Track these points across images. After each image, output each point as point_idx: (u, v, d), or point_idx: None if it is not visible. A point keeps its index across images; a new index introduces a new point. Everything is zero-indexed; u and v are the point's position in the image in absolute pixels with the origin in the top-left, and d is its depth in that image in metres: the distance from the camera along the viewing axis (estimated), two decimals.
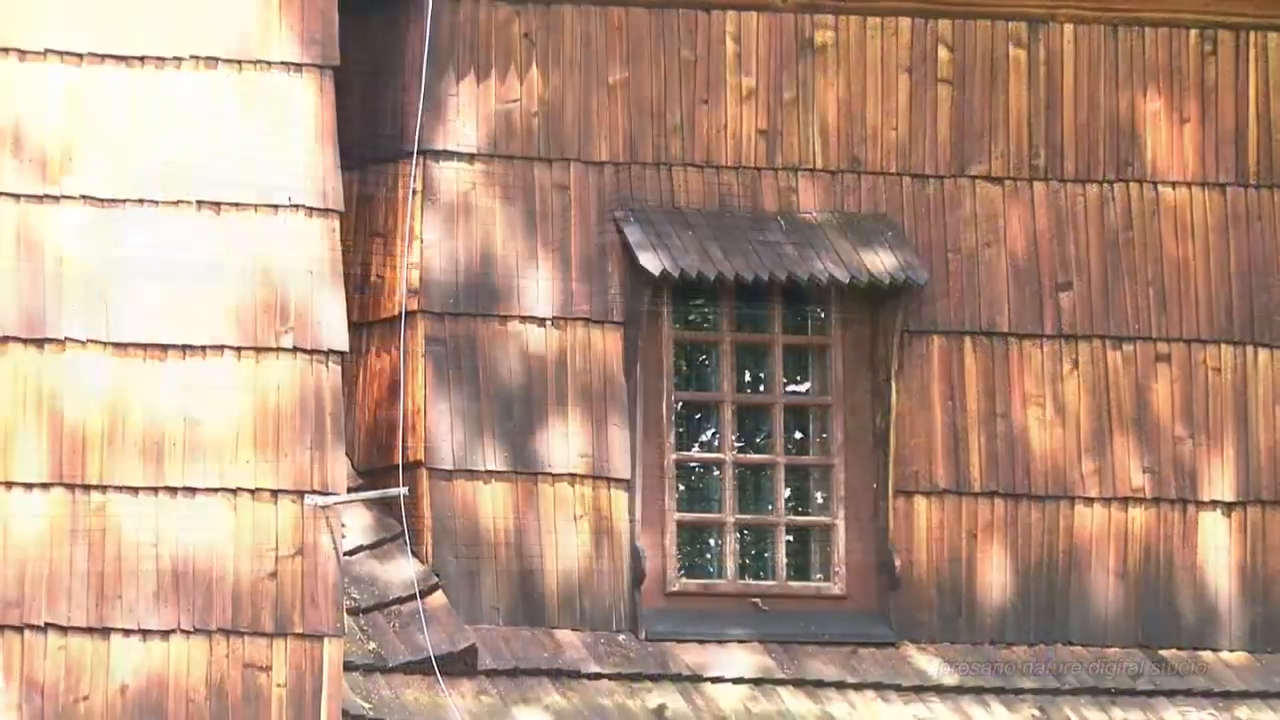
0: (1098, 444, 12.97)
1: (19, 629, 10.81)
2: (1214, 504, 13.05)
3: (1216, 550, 13.06)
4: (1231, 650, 12.96)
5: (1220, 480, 13.07)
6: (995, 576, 12.84)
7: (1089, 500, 13.01)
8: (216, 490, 11.28)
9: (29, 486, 11.19)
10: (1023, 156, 12.92)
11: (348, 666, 11.37)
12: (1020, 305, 12.90)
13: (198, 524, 11.31)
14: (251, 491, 11.26)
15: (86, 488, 11.41)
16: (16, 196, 11.29)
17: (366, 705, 11.47)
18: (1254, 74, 13.11)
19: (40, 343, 11.24)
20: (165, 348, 11.28)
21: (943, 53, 12.92)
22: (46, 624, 10.97)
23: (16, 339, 10.98)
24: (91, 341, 11.26)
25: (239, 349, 11.30)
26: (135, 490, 11.26)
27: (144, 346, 11.34)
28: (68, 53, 11.30)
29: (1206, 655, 12.94)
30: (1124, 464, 12.99)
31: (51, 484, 11.15)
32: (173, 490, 11.20)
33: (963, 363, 12.85)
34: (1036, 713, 12.49)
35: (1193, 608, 12.99)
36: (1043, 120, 13.00)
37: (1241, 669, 12.93)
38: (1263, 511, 13.06)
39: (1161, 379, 12.98)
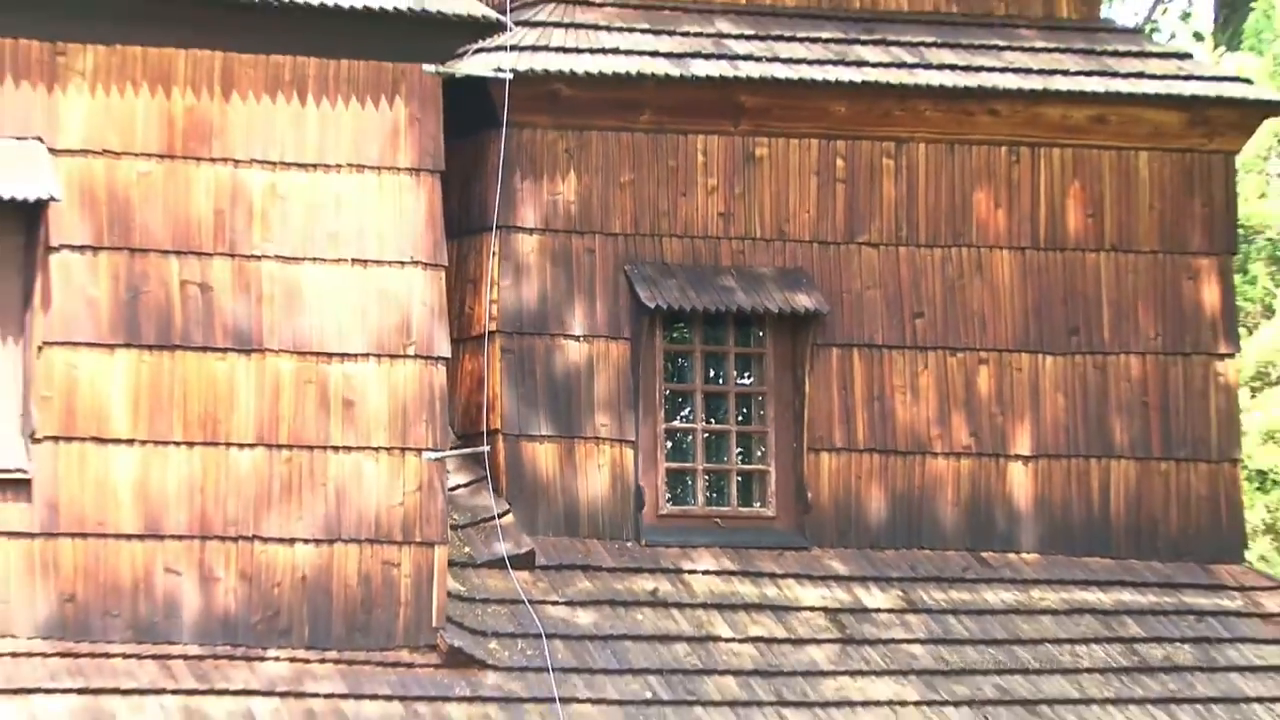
0: (941, 418, 12.91)
1: (236, 539, 10.75)
2: (1017, 457, 12.99)
3: (1018, 487, 12.99)
4: (1028, 553, 12.92)
5: (1021, 441, 13.01)
6: (873, 505, 12.78)
7: (935, 454, 12.91)
8: (367, 449, 11.22)
9: (242, 446, 10.98)
10: (892, 230, 12.84)
11: (450, 564, 11.39)
12: (889, 328, 12.82)
13: (354, 470, 11.25)
14: (389, 449, 11.20)
15: (280, 446, 11.20)
16: (231, 255, 11.07)
17: (462, 588, 11.50)
18: (1043, 176, 13.02)
19: (261, 351, 11.04)
20: (332, 355, 11.19)
21: (840, 162, 12.81)
22: (253, 535, 10.90)
23: (236, 349, 10.86)
24: (284, 351, 11.12)
25: (379, 355, 11.21)
26: (311, 448, 11.15)
27: (318, 354, 11.20)
28: (265, 161, 11.10)
29: (1011, 556, 12.91)
30: (959, 430, 12.95)
31: (257, 444, 11.00)
32: (337, 448, 11.13)
33: (852, 366, 12.78)
34: (900, 593, 12.48)
35: (1002, 525, 12.95)
36: (905, 206, 12.90)
37: (1034, 565, 12.89)
38: (1049, 463, 12.97)
39: (982, 376, 12.92)
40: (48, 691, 10.37)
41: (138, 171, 10.86)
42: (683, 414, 12.98)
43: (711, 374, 13.17)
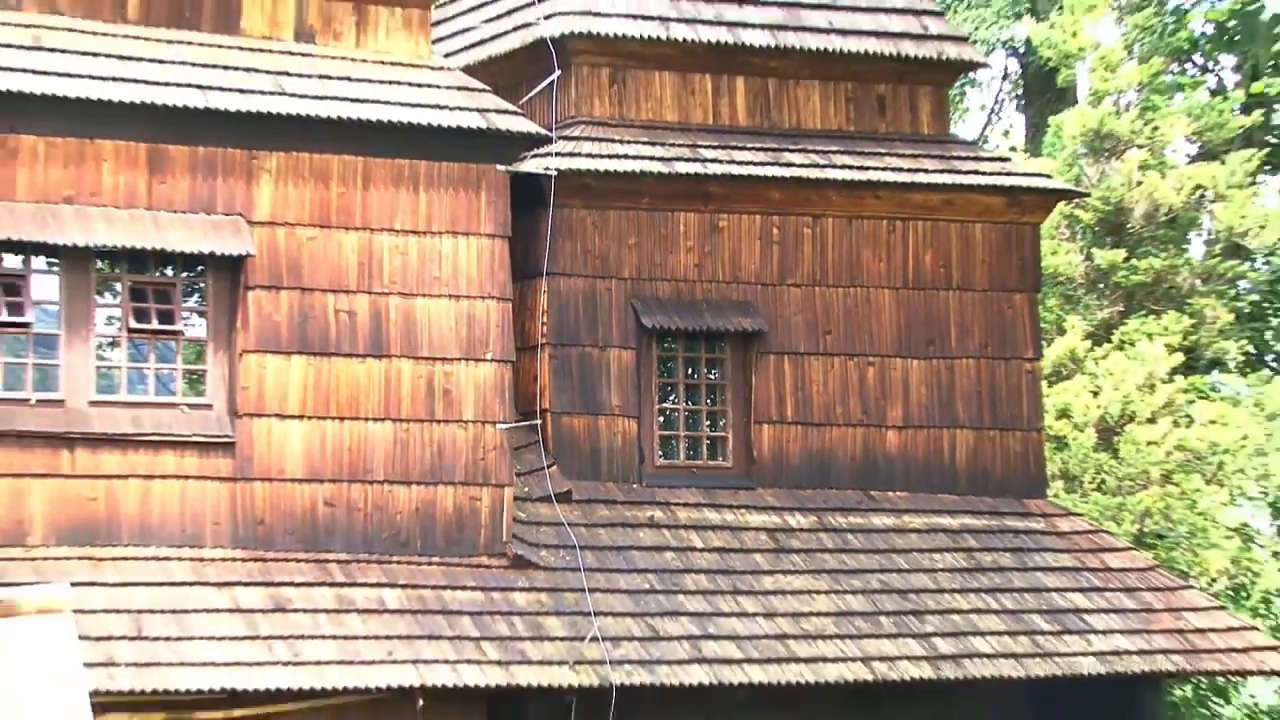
0: (842, 401, 12.83)
1: (371, 483, 10.85)
2: (892, 427, 12.91)
3: (893, 447, 12.90)
4: (899, 492, 12.88)
5: (895, 417, 12.95)
6: (797, 459, 12.74)
7: (838, 425, 12.88)
8: (459, 422, 11.21)
9: (375, 420, 11.07)
10: (810, 276, 12.79)
11: (515, 499, 11.40)
12: (808, 342, 12.76)
13: (450, 437, 11.30)
14: (473, 422, 11.26)
15: (401, 420, 11.18)
16: (369, 293, 11.20)
17: (522, 515, 11.52)
18: (911, 240, 12.97)
19: (388, 357, 11.11)
20: (434, 359, 11.16)
21: (775, 230, 12.73)
22: (384, 480, 10.98)
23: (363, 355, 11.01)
24: (403, 356, 11.14)
25: (467, 359, 11.22)
26: (421, 422, 11.14)
27: (427, 359, 11.18)
28: (391, 229, 11.13)
29: (889, 493, 12.87)
30: (854, 410, 12.85)
31: (384, 419, 11.01)
32: (438, 421, 11.10)
33: (783, 368, 12.74)
34: (815, 519, 12.48)
35: (883, 473, 12.87)
36: (819, 260, 12.85)
37: (904, 500, 12.84)
38: (914, 432, 12.91)
39: (870, 374, 12.82)
40: (245, 584, 10.52)
41: (306, 237, 11.00)
42: (670, 399, 12.97)
43: (689, 372, 13.22)
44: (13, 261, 10.46)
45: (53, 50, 10.54)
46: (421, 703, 10.40)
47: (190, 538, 10.59)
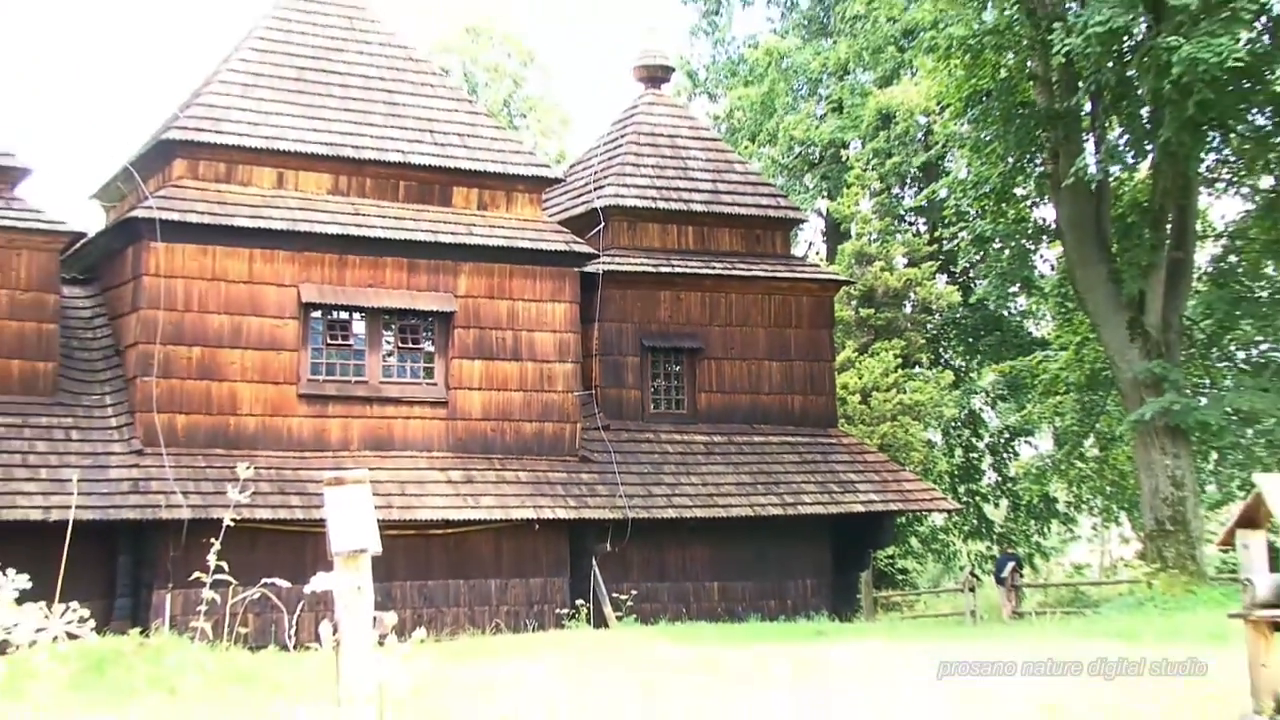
0: (739, 382, 12.62)
1: (508, 420, 10.72)
2: (764, 393, 12.71)
3: (764, 402, 12.66)
4: (768, 425, 12.78)
5: (765, 387, 12.72)
6: (719, 409, 12.45)
7: (739, 394, 12.76)
8: (554, 391, 11.19)
9: (513, 391, 10.79)
10: (726, 321, 12.63)
11: (582, 429, 11.20)
12: (724, 352, 12.51)
13: (547, 399, 11.20)
14: (562, 392, 11.21)
15: (524, 390, 10.97)
16: (511, 329, 11.12)
17: (585, 437, 11.32)
18: (773, 303, 12.87)
19: (520, 360, 10.91)
20: (540, 360, 11.07)
21: (708, 299, 12.64)
22: (517, 419, 10.86)
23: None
24: (528, 360, 11.02)
25: (559, 361, 11.25)
26: (533, 391, 11.03)
27: (539, 360, 11.11)
28: (523, 299, 11.09)
29: (759, 425, 12.71)
30: (745, 386, 12.61)
31: (519, 390, 10.82)
32: (542, 391, 11.04)
33: (711, 366, 12.52)
34: (725, 438, 12.20)
35: (759, 414, 12.67)
36: (729, 314, 12.72)
37: (769, 429, 12.72)
38: (774, 395, 12.69)
39: (753, 369, 12.58)
40: (452, 469, 10.58)
41: (482, 302, 11.07)
42: (656, 381, 12.51)
43: (665, 368, 12.62)
44: (345, 315, 10.71)
45: (364, 214, 10.87)
46: (537, 526, 10.70)
47: (425, 446, 10.74)
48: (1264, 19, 9.31)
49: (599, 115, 36.56)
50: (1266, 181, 11.85)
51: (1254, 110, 10.55)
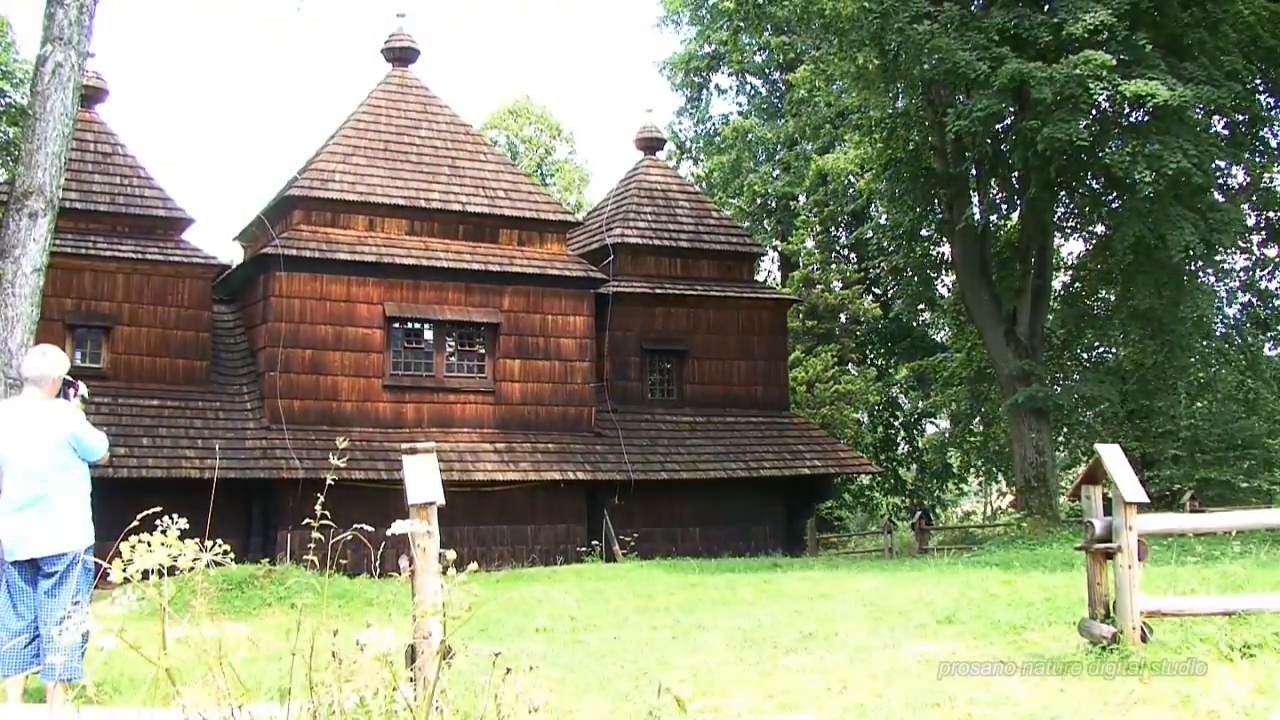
0: (714, 375, 12.37)
1: (539, 404, 10.28)
2: (735, 384, 12.50)
3: (735, 390, 12.40)
4: (737, 408, 12.50)
5: (735, 380, 12.44)
6: (700, 396, 12.21)
7: (714, 385, 12.46)
8: (576, 384, 10.95)
9: (545, 384, 10.63)
10: (706, 329, 12.21)
11: (596, 411, 11.00)
12: (704, 353, 12.28)
13: (573, 389, 10.94)
14: (582, 384, 10.98)
15: (556, 383, 10.69)
16: (543, 336, 10.94)
17: (598, 417, 11.07)
18: (741, 316, 12.56)
19: (550, 360, 10.73)
20: (567, 360, 10.86)
21: (692, 314, 12.36)
22: (542, 404, 10.64)
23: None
24: (556, 359, 10.76)
25: (579, 360, 10.99)
26: (559, 383, 10.75)
27: (565, 360, 10.88)
28: (551, 313, 10.88)
29: (731, 409, 12.48)
30: (719, 379, 12.33)
31: (551, 382, 10.58)
32: (567, 383, 10.73)
33: (694, 363, 12.36)
34: (705, 418, 11.90)
35: (731, 400, 12.42)
36: (709, 323, 12.34)
37: (738, 411, 12.43)
38: (743, 385, 12.44)
39: (727, 366, 12.26)
40: (498, 442, 10.36)
41: (521, 316, 10.77)
42: (653, 375, 12.13)
43: (659, 365, 12.23)
44: (417, 326, 10.62)
45: (432, 250, 10.84)
46: (562, 485, 10.60)
47: (478, 425, 10.65)
48: (1094, 112, 9.90)
49: (609, 173, 37.37)
50: (1099, 228, 12.31)
51: (1090, 176, 11.16)
